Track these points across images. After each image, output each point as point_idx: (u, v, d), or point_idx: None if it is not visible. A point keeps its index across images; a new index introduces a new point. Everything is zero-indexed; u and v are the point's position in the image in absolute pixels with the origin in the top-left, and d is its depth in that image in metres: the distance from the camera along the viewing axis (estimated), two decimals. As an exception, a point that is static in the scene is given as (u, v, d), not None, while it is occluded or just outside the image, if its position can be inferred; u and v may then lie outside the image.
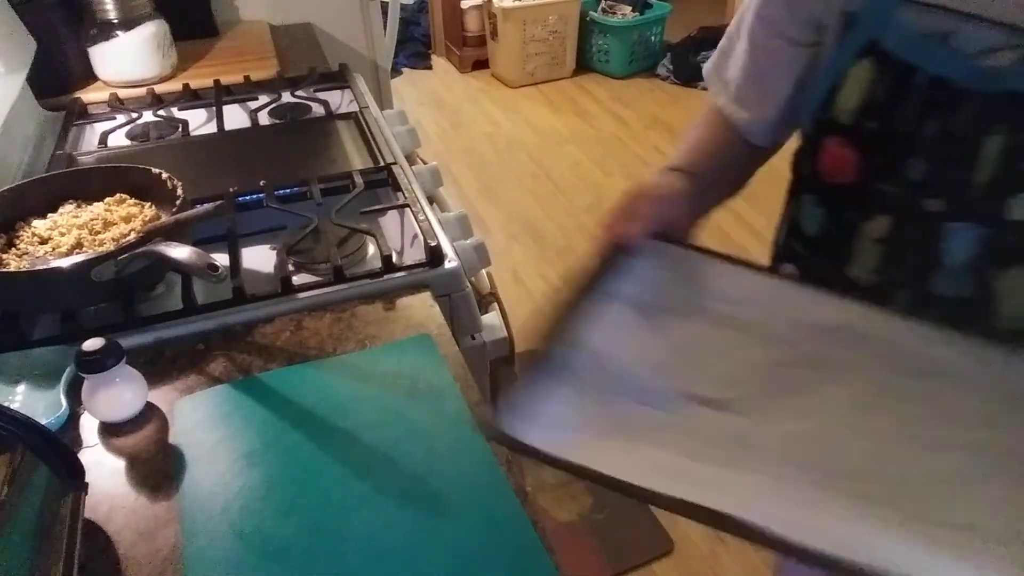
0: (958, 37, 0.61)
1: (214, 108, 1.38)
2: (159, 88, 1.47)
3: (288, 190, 1.11)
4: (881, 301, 0.62)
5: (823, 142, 0.70)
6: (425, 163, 1.31)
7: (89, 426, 0.77)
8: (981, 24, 0.59)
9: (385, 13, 1.99)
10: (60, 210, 0.97)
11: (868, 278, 0.71)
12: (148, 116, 1.39)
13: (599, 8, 3.95)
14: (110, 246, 0.88)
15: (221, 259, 0.85)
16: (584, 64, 4.08)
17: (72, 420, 0.77)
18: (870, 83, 0.66)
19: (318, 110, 1.40)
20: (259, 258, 1.03)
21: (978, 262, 0.64)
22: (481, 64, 4.22)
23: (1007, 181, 0.60)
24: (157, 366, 0.83)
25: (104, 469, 0.72)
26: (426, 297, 0.92)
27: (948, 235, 0.65)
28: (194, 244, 0.87)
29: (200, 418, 0.76)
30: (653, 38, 3.95)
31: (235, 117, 1.39)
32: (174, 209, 0.92)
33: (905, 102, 0.64)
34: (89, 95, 1.47)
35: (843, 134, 0.69)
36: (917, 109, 0.63)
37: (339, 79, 1.53)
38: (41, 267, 0.83)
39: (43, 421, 0.70)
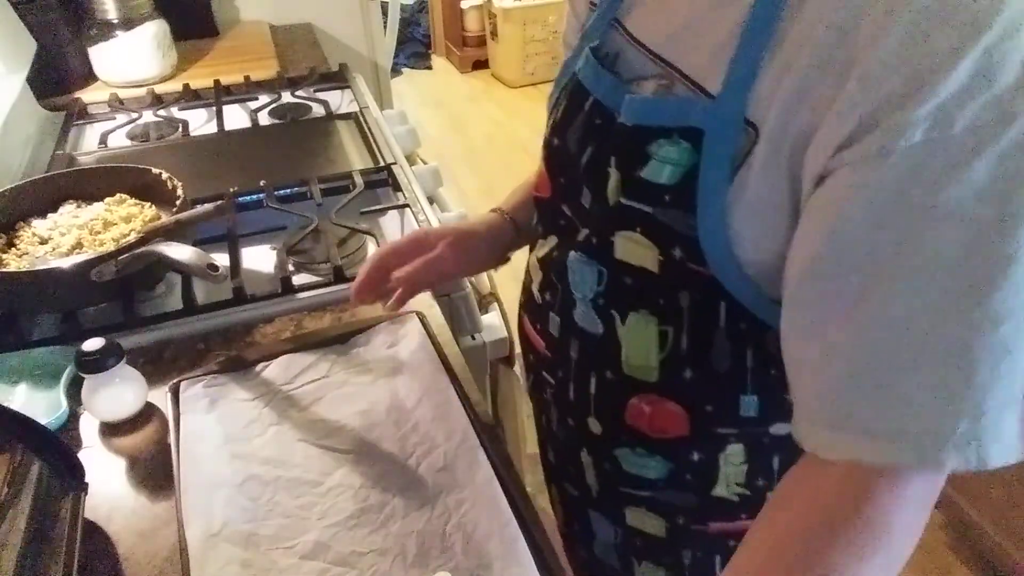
0: (621, 61, 0.58)
1: (214, 108, 1.39)
2: (159, 88, 1.48)
3: (288, 190, 1.11)
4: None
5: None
6: (425, 163, 1.31)
7: (89, 426, 0.76)
8: (639, 49, 0.56)
9: (385, 13, 1.99)
10: (60, 210, 0.97)
11: (539, 296, 0.68)
12: (148, 116, 1.39)
13: (599, 8, 3.95)
14: (110, 246, 0.88)
15: (221, 259, 0.85)
16: (584, 64, 4.07)
17: (72, 420, 0.77)
18: (565, 101, 0.63)
19: (318, 110, 1.40)
20: (259, 258, 1.03)
21: (601, 301, 0.59)
22: (481, 64, 4.22)
23: (615, 217, 0.55)
24: (157, 366, 0.83)
25: (104, 469, 0.72)
26: (426, 297, 0.92)
27: (572, 267, 0.61)
28: (194, 244, 0.87)
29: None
30: (653, 38, 3.96)
31: (235, 117, 1.39)
32: (174, 209, 0.92)
33: (574, 123, 0.61)
34: (89, 95, 1.47)
35: (545, 148, 0.66)
36: (579, 132, 0.60)
37: (339, 79, 1.53)
38: (41, 267, 0.83)
39: (43, 421, 0.70)
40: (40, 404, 0.78)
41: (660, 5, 0.56)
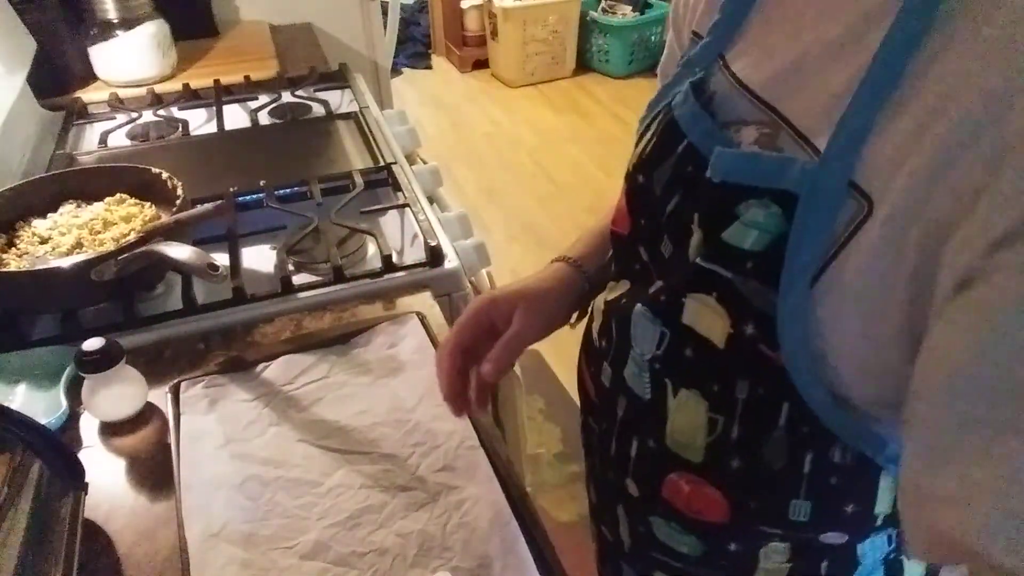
0: (717, 100, 0.51)
1: (214, 108, 1.39)
2: (159, 88, 1.48)
3: (288, 190, 1.11)
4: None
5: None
6: (425, 163, 1.31)
7: (89, 426, 0.76)
8: (740, 89, 0.49)
9: (385, 13, 1.99)
10: (60, 210, 0.97)
11: (596, 341, 0.63)
12: (148, 116, 1.39)
13: (599, 8, 3.95)
14: (110, 246, 0.88)
15: (221, 259, 0.85)
16: (584, 64, 4.08)
17: (72, 420, 0.77)
18: (656, 132, 0.56)
19: (318, 110, 1.40)
20: (259, 258, 1.03)
21: (657, 366, 0.54)
22: (481, 64, 4.22)
23: (691, 277, 0.49)
24: (157, 366, 0.83)
25: (104, 469, 0.72)
26: (426, 297, 0.92)
27: (635, 321, 0.55)
28: (194, 244, 0.87)
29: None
30: (653, 38, 3.95)
31: (235, 117, 1.39)
32: (174, 209, 0.92)
33: (664, 165, 0.54)
34: (89, 95, 1.47)
35: (627, 182, 0.59)
36: (667, 176, 0.53)
37: (339, 79, 1.53)
38: (41, 267, 0.83)
39: (43, 421, 0.70)
40: (40, 404, 0.78)
41: (768, 40, 0.49)
